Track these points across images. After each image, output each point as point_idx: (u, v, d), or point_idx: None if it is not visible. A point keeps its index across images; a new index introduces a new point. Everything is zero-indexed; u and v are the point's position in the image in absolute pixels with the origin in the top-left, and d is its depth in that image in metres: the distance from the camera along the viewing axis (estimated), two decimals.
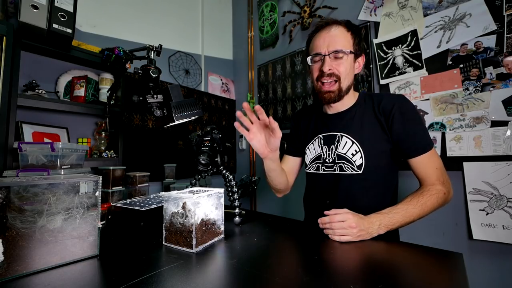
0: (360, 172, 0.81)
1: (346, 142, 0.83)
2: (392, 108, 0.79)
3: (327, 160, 0.88)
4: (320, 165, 0.90)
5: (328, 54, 0.79)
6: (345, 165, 0.83)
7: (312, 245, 0.65)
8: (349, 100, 0.87)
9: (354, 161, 0.82)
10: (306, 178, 0.98)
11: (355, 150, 0.81)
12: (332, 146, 0.86)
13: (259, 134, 0.77)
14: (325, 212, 0.70)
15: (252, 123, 0.76)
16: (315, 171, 0.92)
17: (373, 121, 0.82)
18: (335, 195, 0.85)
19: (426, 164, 0.77)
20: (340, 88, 0.80)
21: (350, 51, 0.79)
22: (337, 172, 0.85)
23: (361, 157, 0.80)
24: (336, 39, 0.79)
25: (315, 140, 0.93)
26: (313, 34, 0.85)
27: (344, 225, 0.65)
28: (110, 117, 1.34)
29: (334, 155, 0.86)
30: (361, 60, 0.85)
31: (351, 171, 0.82)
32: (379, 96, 0.85)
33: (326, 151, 0.89)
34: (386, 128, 0.80)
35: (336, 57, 0.79)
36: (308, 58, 0.84)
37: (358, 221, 0.65)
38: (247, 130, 0.76)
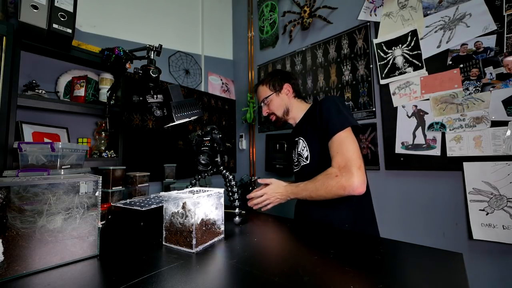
0: (308, 162, 1.00)
1: (301, 142, 1.04)
2: (316, 107, 0.97)
3: (294, 160, 1.11)
4: (293, 166, 1.12)
5: (260, 104, 1.19)
6: (301, 160, 1.04)
7: (312, 245, 0.65)
8: (299, 113, 1.11)
9: (304, 155, 1.02)
10: None
11: (304, 146, 1.02)
12: (296, 149, 1.08)
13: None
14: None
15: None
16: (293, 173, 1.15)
17: (313, 121, 0.99)
18: None
19: (331, 148, 0.88)
20: (278, 117, 1.14)
21: (267, 96, 1.13)
22: (299, 168, 1.06)
23: (307, 150, 1.00)
24: (259, 94, 1.18)
25: (293, 150, 1.14)
26: None
27: (263, 198, 0.97)
28: (110, 117, 1.34)
29: (296, 155, 1.07)
30: (286, 87, 1.12)
31: (303, 163, 1.02)
32: (319, 101, 1.01)
33: (293, 154, 1.12)
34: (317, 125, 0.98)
35: (264, 103, 1.15)
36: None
37: (272, 189, 0.97)
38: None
